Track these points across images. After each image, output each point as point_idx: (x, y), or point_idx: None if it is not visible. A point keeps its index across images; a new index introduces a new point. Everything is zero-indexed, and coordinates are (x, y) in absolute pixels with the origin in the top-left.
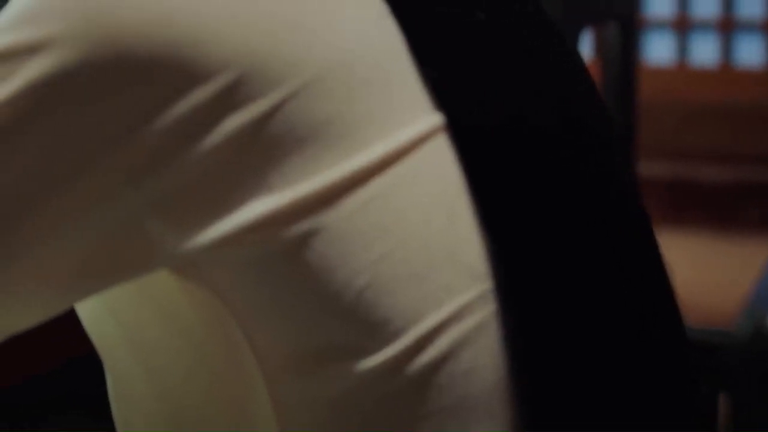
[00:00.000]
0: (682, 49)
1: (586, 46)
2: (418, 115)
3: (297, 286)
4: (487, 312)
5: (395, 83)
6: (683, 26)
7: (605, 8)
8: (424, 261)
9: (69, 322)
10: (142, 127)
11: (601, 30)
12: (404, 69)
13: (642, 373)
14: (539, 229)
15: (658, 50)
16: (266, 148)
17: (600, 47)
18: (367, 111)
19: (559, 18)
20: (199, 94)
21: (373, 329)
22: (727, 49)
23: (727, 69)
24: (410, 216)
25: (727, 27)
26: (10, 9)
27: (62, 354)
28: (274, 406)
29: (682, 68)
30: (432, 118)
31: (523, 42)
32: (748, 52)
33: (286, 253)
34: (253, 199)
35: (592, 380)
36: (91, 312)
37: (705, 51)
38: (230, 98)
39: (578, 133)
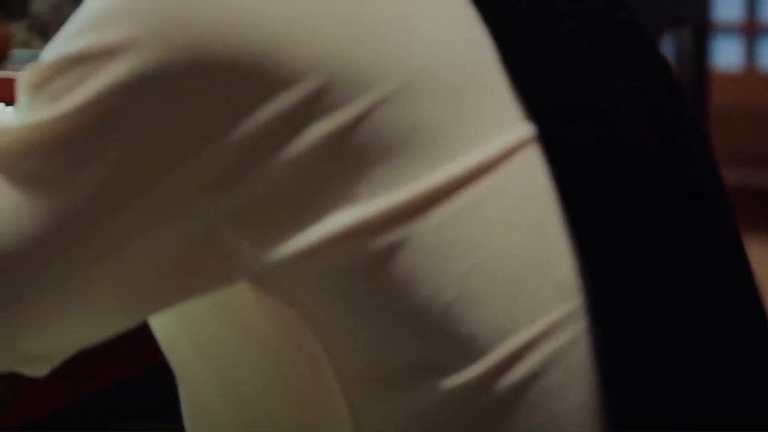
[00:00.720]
0: (751, 54)
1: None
2: (508, 125)
3: (381, 300)
4: (577, 329)
5: (485, 92)
6: (751, 31)
7: (679, 13)
8: (514, 275)
9: (143, 332)
10: (223, 134)
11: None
12: (494, 77)
13: (734, 389)
14: (631, 244)
15: (726, 55)
16: (351, 157)
17: (673, 52)
18: (456, 120)
19: None
20: (284, 100)
21: (460, 345)
22: None
23: None
24: (499, 229)
25: None
26: (87, 9)
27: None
28: (354, 421)
29: (751, 73)
30: (523, 129)
31: (614, 51)
32: None
33: (370, 266)
34: (337, 209)
35: (682, 397)
36: (165, 325)
37: None
38: (315, 105)
39: (671, 144)
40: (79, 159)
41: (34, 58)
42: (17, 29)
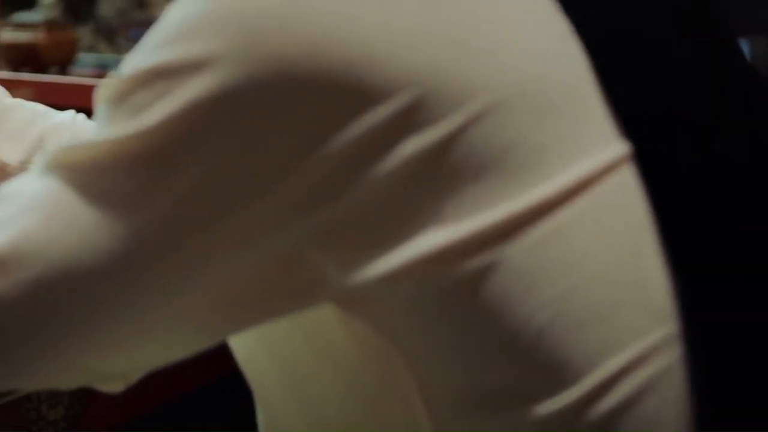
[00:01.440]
0: None
1: None
2: (604, 143)
3: (470, 324)
4: (672, 355)
5: (580, 108)
6: None
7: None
8: (608, 299)
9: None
10: (311, 151)
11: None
12: (589, 92)
13: None
14: (728, 267)
15: None
16: (443, 175)
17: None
18: (551, 138)
19: None
20: (375, 116)
21: (553, 371)
22: None
23: None
24: (593, 251)
25: None
26: (168, 20)
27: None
28: None
29: None
30: (618, 147)
31: (706, 57)
32: None
33: (459, 289)
34: (427, 230)
35: None
36: (244, 343)
37: None
38: (408, 121)
39: (765, 157)
40: (160, 176)
41: (100, 62)
42: (83, 33)
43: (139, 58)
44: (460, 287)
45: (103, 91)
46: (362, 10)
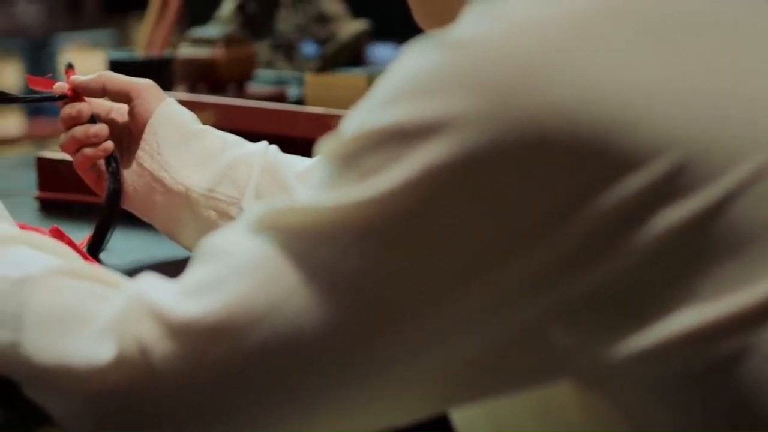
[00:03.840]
0: None
1: None
2: None
3: (718, 409)
4: None
5: None
6: None
7: None
8: None
9: None
10: (559, 221)
11: None
12: None
13: None
14: None
15: None
16: (702, 249)
17: None
18: None
19: None
20: (630, 183)
21: None
22: None
23: None
24: None
25: None
26: (399, 72)
27: None
28: None
29: None
30: None
31: None
32: None
33: (711, 371)
34: (682, 307)
35: None
36: (465, 411)
37: None
38: (666, 189)
39: None
40: (387, 248)
41: (278, 78)
42: (261, 48)
43: (368, 114)
44: (712, 369)
45: (328, 147)
46: (618, 68)
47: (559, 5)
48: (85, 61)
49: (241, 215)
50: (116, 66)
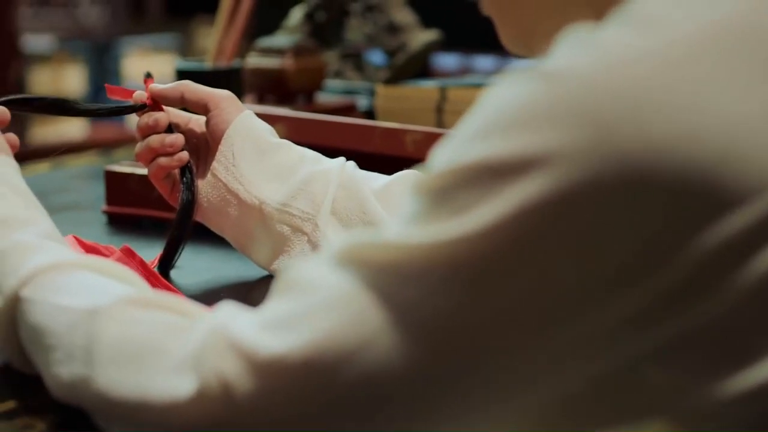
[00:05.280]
0: None
1: None
2: None
3: None
4: None
5: None
6: None
7: None
8: None
9: None
10: (658, 261)
11: None
12: None
13: None
14: None
15: None
16: None
17: None
18: None
19: None
20: (733, 222)
21: None
22: None
23: None
24: None
25: None
26: (494, 105)
27: None
28: None
29: None
30: None
31: None
32: None
33: None
34: None
35: None
36: None
37: None
38: None
39: None
40: (479, 288)
41: (347, 88)
42: (329, 58)
43: (461, 148)
44: None
45: (420, 181)
46: (721, 100)
47: (657, 35)
48: (149, 65)
49: (325, 246)
50: (184, 76)
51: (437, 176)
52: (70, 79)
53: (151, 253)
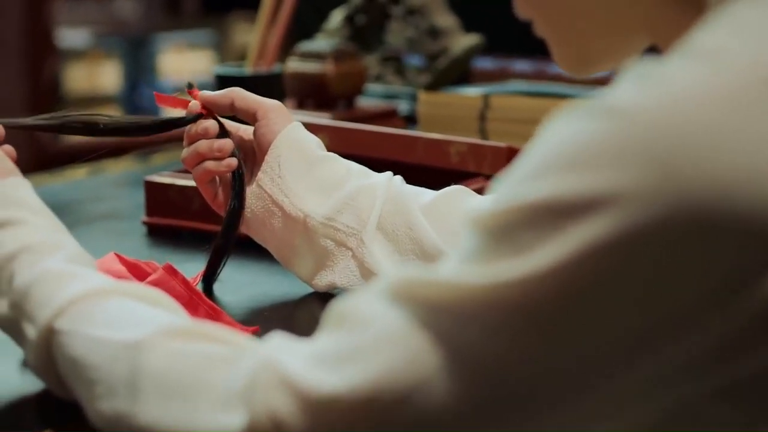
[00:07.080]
0: None
1: None
2: None
3: None
4: None
5: None
6: None
7: None
8: None
9: None
10: (721, 304)
11: None
12: None
13: None
14: None
15: None
16: None
17: None
18: None
19: None
20: None
21: None
22: None
23: None
24: None
25: None
26: (556, 142)
27: None
28: None
29: None
30: None
31: None
32: None
33: None
34: None
35: None
36: None
37: None
38: None
39: None
40: (540, 331)
41: (388, 93)
42: (369, 62)
43: (523, 185)
44: None
45: (479, 218)
46: None
47: (720, 71)
48: (185, 62)
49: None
50: (224, 81)
51: (498, 214)
52: (106, 76)
53: (192, 266)
